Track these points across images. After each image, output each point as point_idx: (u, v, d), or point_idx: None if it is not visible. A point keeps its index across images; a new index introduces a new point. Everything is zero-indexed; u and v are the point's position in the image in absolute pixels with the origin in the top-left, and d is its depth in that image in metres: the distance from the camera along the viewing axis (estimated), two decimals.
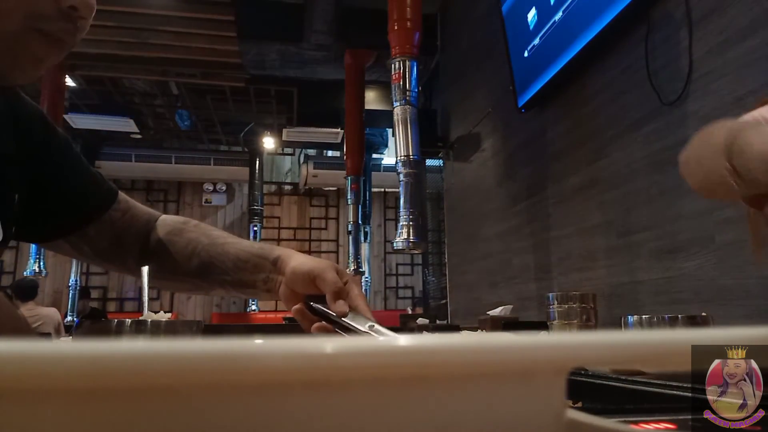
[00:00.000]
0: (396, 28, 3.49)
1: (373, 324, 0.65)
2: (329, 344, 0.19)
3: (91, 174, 0.80)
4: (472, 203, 4.19)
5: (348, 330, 0.64)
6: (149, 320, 0.67)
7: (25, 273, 5.58)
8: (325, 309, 0.67)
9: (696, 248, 1.88)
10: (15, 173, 0.67)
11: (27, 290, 4.23)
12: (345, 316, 0.65)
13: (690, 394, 0.58)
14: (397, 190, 3.68)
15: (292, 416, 0.20)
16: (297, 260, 0.72)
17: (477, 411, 0.23)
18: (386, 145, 7.59)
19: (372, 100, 6.08)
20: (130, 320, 0.67)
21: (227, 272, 0.76)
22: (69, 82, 6.00)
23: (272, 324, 5.88)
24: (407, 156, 3.44)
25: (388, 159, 7.90)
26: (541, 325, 1.89)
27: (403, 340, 0.20)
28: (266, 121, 7.51)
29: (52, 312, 4.37)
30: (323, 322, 0.67)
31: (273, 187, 9.14)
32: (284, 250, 0.75)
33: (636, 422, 0.51)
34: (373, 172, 7.49)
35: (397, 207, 7.16)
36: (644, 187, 2.18)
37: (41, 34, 0.57)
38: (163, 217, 0.83)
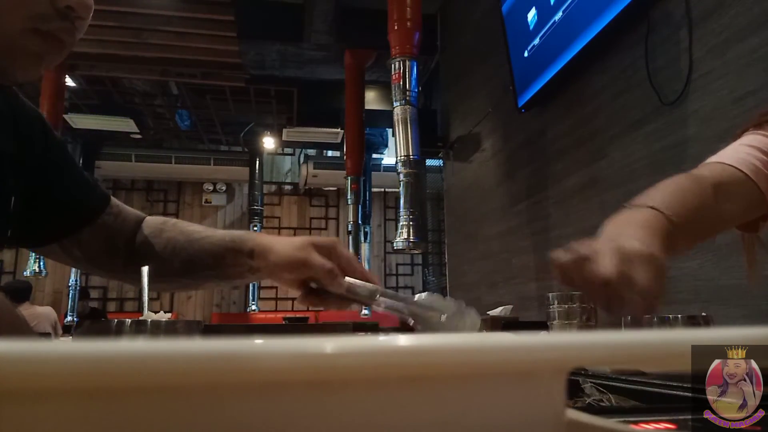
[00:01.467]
0: (396, 28, 3.48)
1: (375, 291, 0.65)
2: (329, 344, 0.19)
3: (85, 178, 0.80)
4: (472, 203, 4.19)
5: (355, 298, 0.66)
6: (149, 320, 0.67)
7: (24, 273, 5.57)
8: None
9: (696, 248, 1.88)
10: (14, 175, 0.67)
11: (20, 292, 4.16)
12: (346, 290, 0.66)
13: (690, 394, 0.58)
14: (397, 190, 3.68)
15: (292, 416, 0.20)
16: (275, 252, 0.69)
17: (477, 411, 0.23)
18: (386, 145, 7.58)
19: (372, 100, 6.08)
20: (130, 320, 0.67)
21: (210, 267, 0.75)
22: (69, 82, 6.00)
23: (272, 324, 5.88)
24: (407, 156, 3.44)
25: (388, 159, 7.89)
26: (541, 325, 1.89)
27: (403, 340, 0.20)
28: (266, 121, 7.51)
29: (48, 310, 4.36)
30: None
31: (273, 187, 9.14)
32: (259, 240, 0.72)
33: (636, 422, 0.51)
34: (373, 172, 7.48)
35: (397, 207, 7.16)
36: (644, 187, 2.16)
37: (39, 33, 0.57)
38: (147, 218, 0.83)
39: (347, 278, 0.66)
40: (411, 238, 3.37)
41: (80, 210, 0.77)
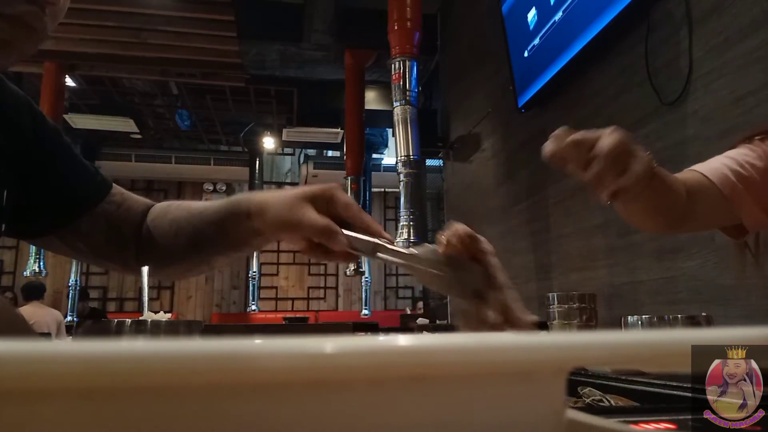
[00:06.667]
0: (396, 28, 3.49)
1: (375, 246, 0.59)
2: (329, 344, 0.19)
3: (82, 165, 0.77)
4: (472, 203, 4.19)
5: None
6: (149, 320, 0.67)
7: (24, 273, 5.58)
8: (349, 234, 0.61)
9: (696, 248, 1.88)
10: (3, 167, 0.65)
11: (35, 290, 4.45)
12: (347, 246, 0.60)
13: (690, 394, 0.58)
14: (397, 190, 3.68)
15: (292, 416, 0.20)
16: (270, 211, 0.64)
17: (477, 411, 0.23)
18: (386, 145, 7.58)
19: (372, 100, 6.08)
20: (130, 320, 0.67)
21: (214, 239, 0.71)
22: (69, 82, 6.00)
23: (272, 324, 5.88)
24: (407, 156, 3.44)
25: (388, 159, 7.90)
26: (541, 325, 1.89)
27: (403, 340, 0.20)
28: (266, 121, 7.52)
29: (55, 313, 4.43)
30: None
31: (273, 187, 9.14)
32: (255, 199, 0.67)
33: (636, 422, 0.51)
34: (373, 172, 7.48)
35: (397, 207, 7.15)
36: None
37: (3, 17, 0.55)
38: (155, 205, 0.80)
39: (346, 232, 0.60)
40: (411, 238, 3.37)
41: (75, 198, 0.74)
